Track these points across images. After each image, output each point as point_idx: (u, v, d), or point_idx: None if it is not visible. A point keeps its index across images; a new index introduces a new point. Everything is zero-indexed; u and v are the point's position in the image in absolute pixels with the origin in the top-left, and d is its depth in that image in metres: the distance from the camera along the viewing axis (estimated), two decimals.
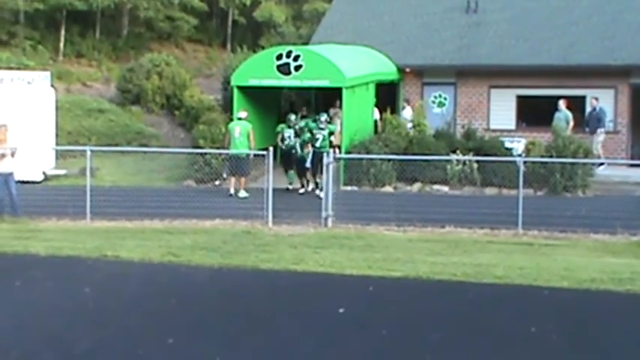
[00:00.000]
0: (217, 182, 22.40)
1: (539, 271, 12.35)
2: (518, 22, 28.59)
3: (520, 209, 16.17)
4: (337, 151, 20.45)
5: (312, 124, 21.47)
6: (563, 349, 8.89)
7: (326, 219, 16.85)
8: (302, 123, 22.02)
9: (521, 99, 26.84)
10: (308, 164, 21.33)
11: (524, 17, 28.84)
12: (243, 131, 21.22)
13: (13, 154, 17.61)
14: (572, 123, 24.59)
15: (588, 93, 25.80)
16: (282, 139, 22.13)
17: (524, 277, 11.93)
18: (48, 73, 26.07)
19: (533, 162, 20.77)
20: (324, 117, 21.40)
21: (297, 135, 21.82)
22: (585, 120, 24.91)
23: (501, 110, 26.91)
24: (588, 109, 25.22)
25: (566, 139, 21.91)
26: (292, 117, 22.34)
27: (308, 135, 21.45)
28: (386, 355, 8.66)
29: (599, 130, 24.57)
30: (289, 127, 22.13)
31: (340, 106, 24.05)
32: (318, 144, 20.93)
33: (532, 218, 16.37)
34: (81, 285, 11.47)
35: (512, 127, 26.66)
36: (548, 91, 26.26)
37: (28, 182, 22.04)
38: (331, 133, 21.25)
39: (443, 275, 12.09)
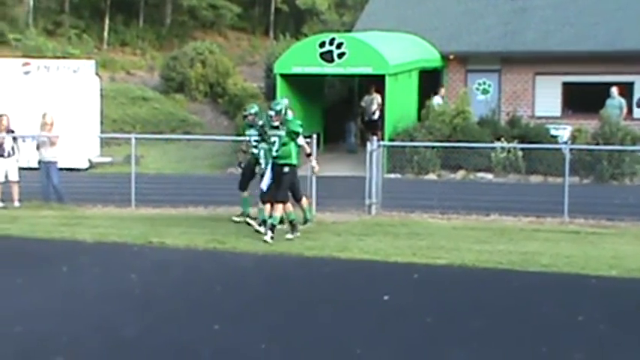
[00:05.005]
0: None
1: (587, 259, 12.23)
2: (563, 8, 28.24)
3: (566, 197, 15.99)
4: (313, 161, 14.88)
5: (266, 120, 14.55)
6: (611, 339, 8.77)
7: (370, 206, 16.80)
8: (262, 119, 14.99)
9: (567, 86, 26.52)
10: (263, 185, 14.28)
11: (570, 2, 28.46)
12: None
13: (53, 143, 17.71)
14: (625, 110, 24.26)
15: (636, 79, 25.44)
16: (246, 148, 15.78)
17: (572, 266, 11.82)
18: (93, 62, 26.31)
19: (580, 149, 20.51)
20: (279, 106, 14.29)
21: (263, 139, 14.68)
22: None
23: (547, 97, 26.61)
24: None
25: (614, 125, 21.62)
26: (253, 110, 15.56)
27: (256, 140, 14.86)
28: (431, 343, 8.61)
29: None
30: (251, 125, 15.45)
31: (379, 92, 23.98)
32: (275, 152, 14.12)
33: (578, 206, 16.17)
34: (127, 271, 11.57)
35: (558, 114, 26.35)
36: (594, 77, 25.91)
37: (73, 170, 22.27)
38: (295, 134, 14.07)
39: (488, 263, 12.01)
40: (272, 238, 13.66)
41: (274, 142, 14.02)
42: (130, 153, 19.04)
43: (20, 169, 17.97)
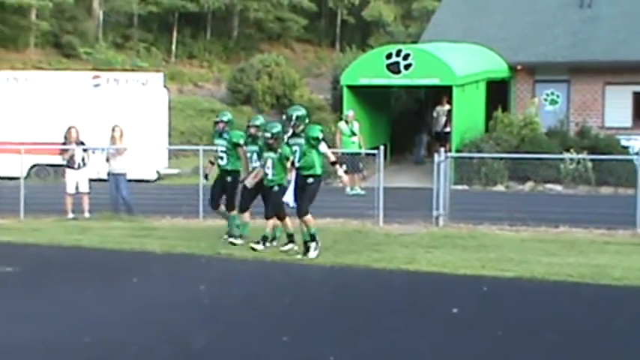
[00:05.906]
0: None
1: None
2: (634, 17, 27.79)
3: (638, 209, 15.68)
4: (340, 171, 13.83)
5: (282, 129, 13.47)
6: None
7: (437, 218, 16.69)
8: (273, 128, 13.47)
9: (638, 95, 26.07)
10: (289, 199, 13.53)
11: None
12: None
13: (122, 155, 17.96)
14: None
15: None
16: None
17: None
18: (161, 74, 26.62)
19: None
20: (295, 112, 13.16)
21: (269, 148, 13.54)
22: None
23: (617, 107, 26.19)
24: None
25: None
26: (225, 117, 15.44)
27: (286, 149, 13.30)
28: (501, 356, 8.50)
29: None
30: (254, 139, 14.46)
31: (449, 104, 23.85)
32: (297, 162, 13.21)
33: None
34: (196, 282, 11.64)
35: (629, 124, 25.93)
36: None
37: (142, 181, 22.54)
38: (315, 140, 13.06)
39: (558, 276, 11.82)
40: (317, 252, 13.42)
41: (295, 151, 13.13)
42: (197, 165, 19.20)
43: (90, 180, 18.27)
